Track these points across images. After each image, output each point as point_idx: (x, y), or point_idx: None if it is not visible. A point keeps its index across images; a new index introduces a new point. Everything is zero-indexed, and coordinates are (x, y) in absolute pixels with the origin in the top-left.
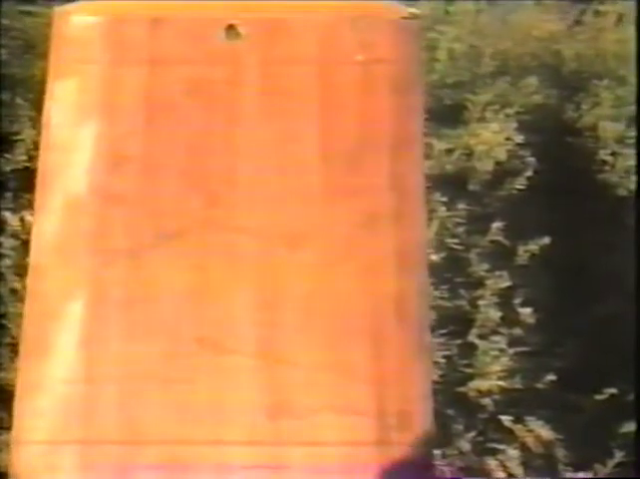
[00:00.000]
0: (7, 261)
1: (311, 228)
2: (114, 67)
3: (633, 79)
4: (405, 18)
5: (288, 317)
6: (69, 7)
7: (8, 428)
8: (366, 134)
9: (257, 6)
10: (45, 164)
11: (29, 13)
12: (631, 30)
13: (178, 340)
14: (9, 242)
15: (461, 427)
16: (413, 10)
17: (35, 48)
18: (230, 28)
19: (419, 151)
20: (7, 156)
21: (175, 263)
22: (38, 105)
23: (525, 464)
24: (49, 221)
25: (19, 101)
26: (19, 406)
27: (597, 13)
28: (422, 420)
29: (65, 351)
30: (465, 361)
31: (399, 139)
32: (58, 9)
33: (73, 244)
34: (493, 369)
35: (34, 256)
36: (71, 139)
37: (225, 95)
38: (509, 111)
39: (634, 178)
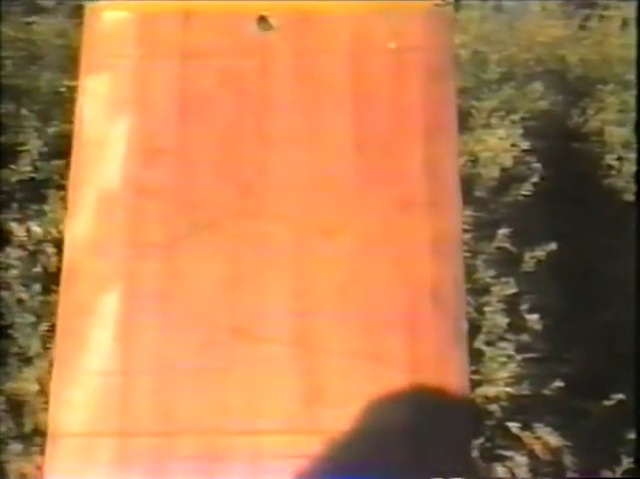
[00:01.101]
0: (13, 272)
1: (345, 215)
2: (146, 61)
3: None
4: (437, 5)
5: (323, 306)
6: (101, 3)
7: (16, 438)
8: (399, 121)
9: None
10: (78, 159)
11: (35, 23)
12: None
13: (214, 331)
14: (15, 253)
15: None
16: None
17: (41, 59)
18: (262, 20)
19: (453, 137)
20: (12, 167)
21: (209, 254)
22: (44, 116)
23: (534, 471)
24: (83, 215)
25: (24, 112)
26: (54, 399)
27: (602, 18)
28: (458, 399)
29: (100, 344)
30: (472, 368)
31: (432, 126)
32: (90, 5)
33: (107, 238)
34: (501, 376)
35: (68, 252)
36: (104, 133)
37: (258, 86)
38: (515, 117)
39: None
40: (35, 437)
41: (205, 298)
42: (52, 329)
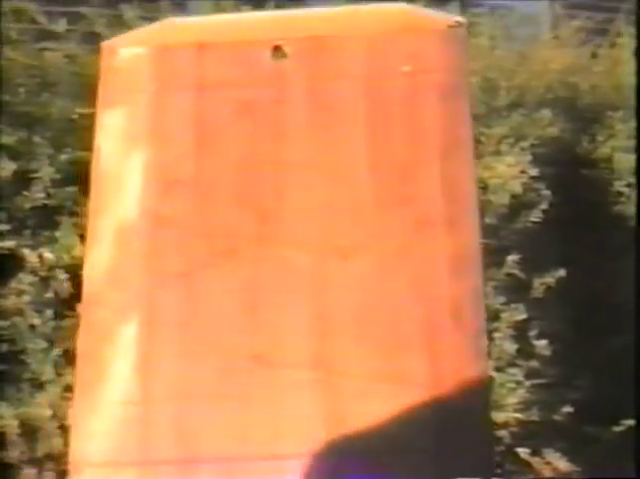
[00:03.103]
0: (26, 298)
1: (363, 238)
2: (162, 94)
3: None
4: (450, 27)
5: (342, 329)
6: (116, 40)
7: (30, 462)
8: (415, 142)
9: (302, 24)
10: (96, 192)
11: (48, 50)
12: None
13: (234, 358)
14: (28, 279)
15: None
16: (458, 18)
17: (53, 86)
18: (276, 49)
19: (469, 156)
20: (25, 193)
21: (228, 281)
22: (56, 143)
23: None
24: (102, 246)
25: (37, 139)
26: (75, 430)
27: (613, 46)
28: (479, 424)
29: (120, 374)
30: None
31: (448, 145)
32: (105, 43)
33: (126, 268)
34: (510, 401)
35: (87, 282)
36: (121, 166)
37: (273, 114)
38: (524, 144)
39: None
40: (48, 462)
41: (225, 325)
42: (64, 355)
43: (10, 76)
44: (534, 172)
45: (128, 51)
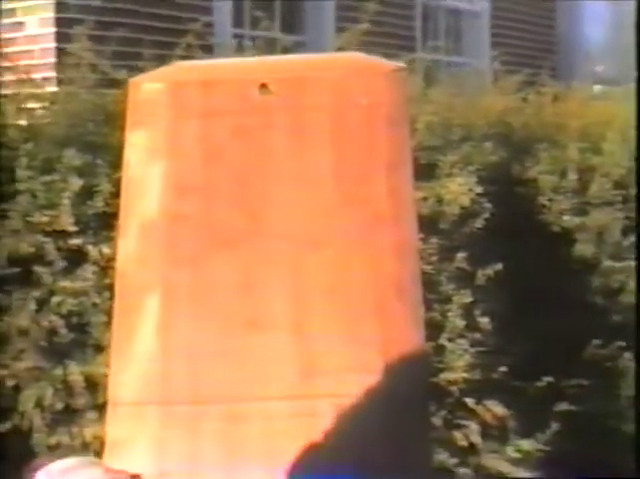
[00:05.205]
0: (89, 283)
1: (330, 231)
2: (175, 120)
3: (567, 143)
4: (395, 70)
5: (314, 302)
6: (140, 77)
7: (92, 408)
8: (369, 158)
9: (283, 67)
10: (126, 195)
11: (109, 94)
12: (564, 106)
13: (232, 323)
14: (91, 268)
15: (434, 408)
16: (400, 64)
17: (113, 121)
18: (263, 86)
19: (409, 170)
20: (89, 203)
21: (227, 265)
22: (112, 165)
23: (483, 433)
24: (130, 238)
25: (99, 162)
26: (112, 379)
27: (539, 93)
28: (419, 369)
29: (145, 335)
30: (437, 359)
31: (393, 161)
32: (132, 79)
33: (148, 255)
34: (459, 364)
35: (119, 266)
36: (144, 175)
37: (261, 136)
38: (471, 168)
39: (566, 217)
40: (105, 408)
41: (225, 299)
42: None
43: (83, 114)
44: (479, 189)
45: (149, 86)
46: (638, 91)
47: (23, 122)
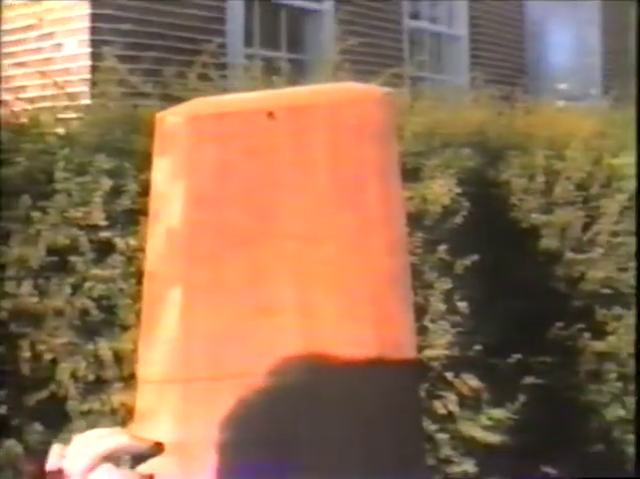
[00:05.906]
0: (117, 271)
1: (330, 231)
2: (194, 146)
3: (535, 151)
4: (384, 95)
5: (317, 291)
6: (165, 112)
7: (119, 380)
8: (362, 168)
9: (286, 97)
10: (154, 206)
11: (136, 107)
12: (533, 119)
13: (244, 310)
14: (118, 258)
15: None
16: (389, 90)
17: (138, 130)
18: (270, 114)
19: (398, 177)
20: (117, 201)
21: (240, 262)
22: (138, 167)
23: (460, 403)
24: (156, 241)
25: (126, 165)
26: (140, 359)
27: (513, 107)
28: (410, 349)
29: (169, 322)
30: (420, 338)
31: (384, 170)
32: (159, 114)
33: (172, 255)
34: (440, 343)
35: (149, 264)
36: (168, 190)
37: (268, 156)
38: (452, 171)
39: (534, 215)
40: (130, 380)
41: (237, 290)
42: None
43: (112, 123)
44: (458, 190)
45: (172, 118)
46: (638, 97)
47: (60, 130)
